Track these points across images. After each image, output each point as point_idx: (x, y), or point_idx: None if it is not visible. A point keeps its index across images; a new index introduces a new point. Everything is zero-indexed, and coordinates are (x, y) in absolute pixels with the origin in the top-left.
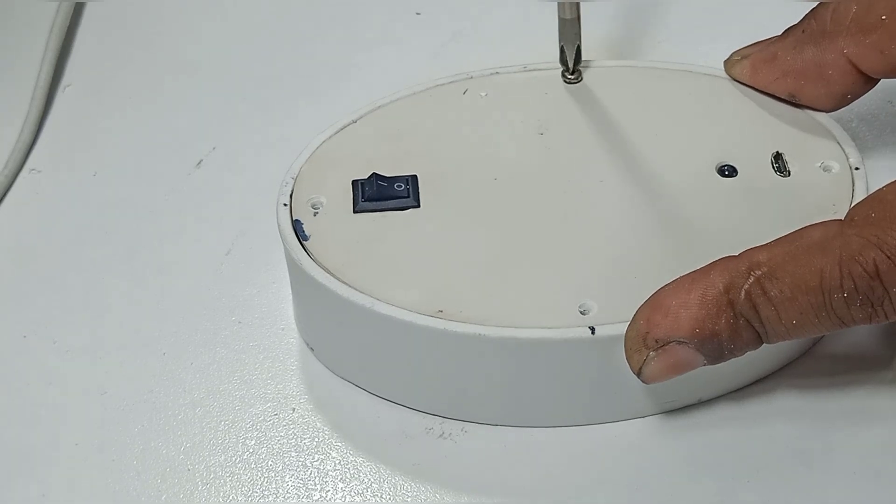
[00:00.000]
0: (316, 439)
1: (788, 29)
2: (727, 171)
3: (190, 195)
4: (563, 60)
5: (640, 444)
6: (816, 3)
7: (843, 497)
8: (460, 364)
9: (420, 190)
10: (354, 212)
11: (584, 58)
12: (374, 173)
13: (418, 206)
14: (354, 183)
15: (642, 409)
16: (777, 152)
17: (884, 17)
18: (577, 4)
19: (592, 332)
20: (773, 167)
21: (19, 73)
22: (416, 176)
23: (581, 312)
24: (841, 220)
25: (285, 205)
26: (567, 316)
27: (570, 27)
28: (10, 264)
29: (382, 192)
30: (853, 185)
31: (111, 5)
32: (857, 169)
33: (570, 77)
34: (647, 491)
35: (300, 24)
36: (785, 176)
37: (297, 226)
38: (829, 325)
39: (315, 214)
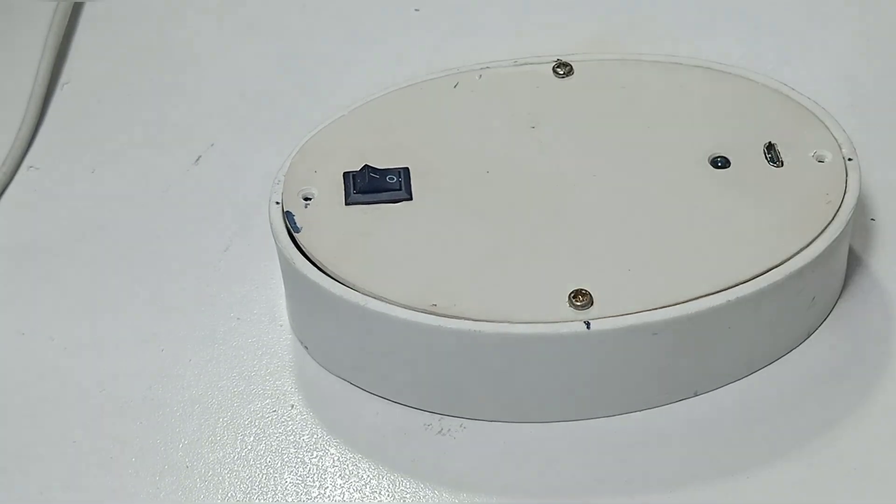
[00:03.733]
0: (315, 436)
1: None
2: (720, 162)
3: (188, 192)
4: None
5: (637, 438)
6: None
7: (843, 496)
8: (456, 361)
9: (412, 182)
10: (346, 204)
11: (575, 51)
12: (366, 165)
13: (410, 198)
14: (346, 175)
15: (639, 403)
16: (770, 143)
17: None
18: None
19: (588, 327)
20: (766, 158)
21: (18, 70)
22: (407, 168)
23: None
24: None
25: (277, 203)
26: (561, 309)
27: None
28: (8, 261)
29: (374, 185)
30: (846, 175)
31: (109, 4)
32: (850, 160)
33: None
34: (644, 485)
35: (299, 21)
36: (778, 166)
37: (288, 217)
38: None
39: (306, 206)
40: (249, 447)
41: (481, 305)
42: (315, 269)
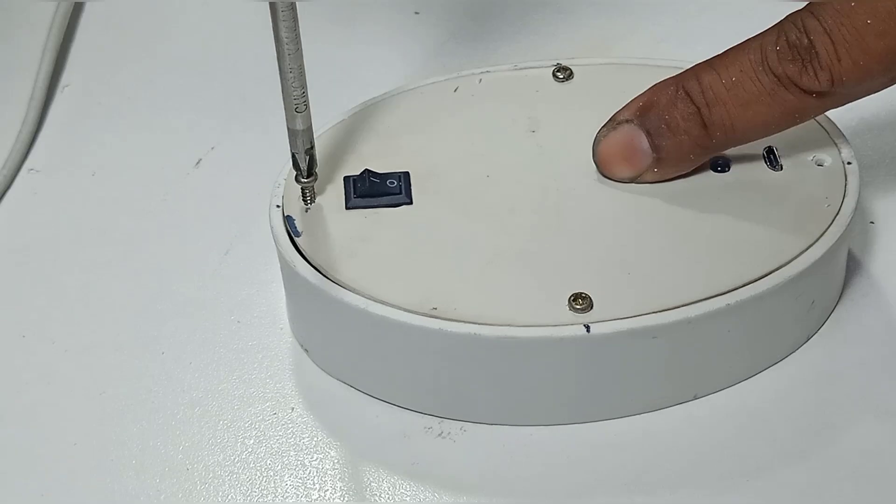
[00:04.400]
0: (315, 438)
1: None
2: (719, 165)
3: (188, 195)
4: (297, 166)
5: (636, 441)
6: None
7: (843, 497)
8: (456, 364)
9: (412, 187)
10: (346, 208)
11: (576, 55)
12: (366, 169)
13: (410, 202)
14: (346, 179)
15: (638, 406)
16: (769, 146)
17: None
18: (308, 113)
19: (588, 330)
20: (766, 161)
21: (18, 72)
22: (408, 173)
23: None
24: None
25: (278, 206)
26: (561, 313)
27: (302, 136)
28: (8, 264)
29: (375, 189)
30: (846, 180)
31: (110, 5)
32: (849, 164)
33: (304, 181)
34: (645, 488)
35: (300, 24)
36: (777, 170)
37: (288, 222)
38: (766, 84)
39: (307, 210)
40: (250, 450)
41: (481, 309)
42: (316, 272)
